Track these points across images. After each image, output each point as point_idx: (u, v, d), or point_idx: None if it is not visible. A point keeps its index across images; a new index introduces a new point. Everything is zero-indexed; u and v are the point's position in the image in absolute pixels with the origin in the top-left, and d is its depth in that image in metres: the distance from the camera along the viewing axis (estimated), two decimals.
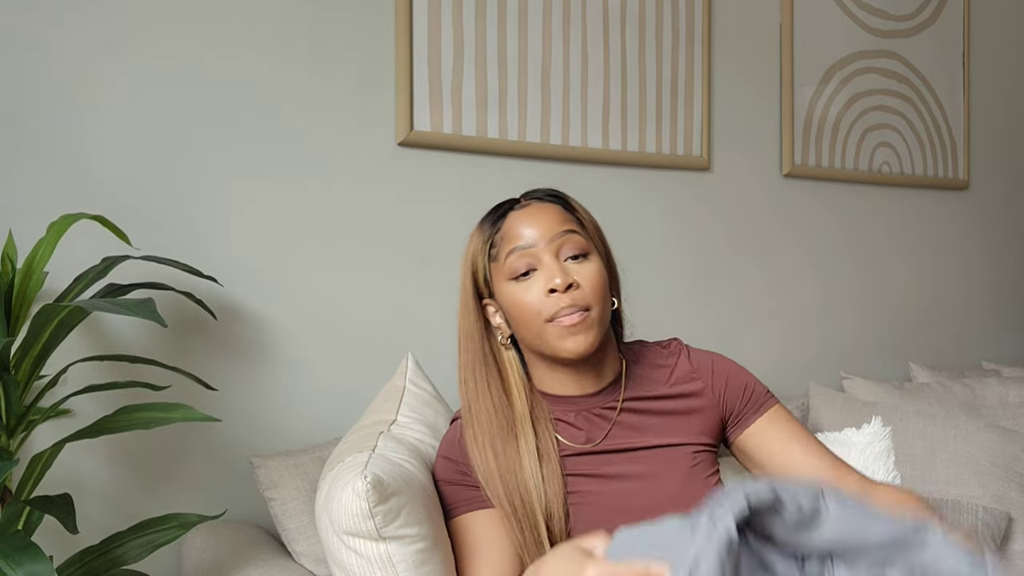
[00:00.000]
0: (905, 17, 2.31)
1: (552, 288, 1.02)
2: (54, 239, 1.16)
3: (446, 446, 1.12)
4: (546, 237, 1.04)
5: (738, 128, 2.05)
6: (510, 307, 1.06)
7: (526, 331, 1.06)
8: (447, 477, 1.09)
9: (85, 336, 1.38)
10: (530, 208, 1.07)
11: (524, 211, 1.07)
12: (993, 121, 2.51)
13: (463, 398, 1.09)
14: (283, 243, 1.54)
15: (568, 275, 1.02)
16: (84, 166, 1.39)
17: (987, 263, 2.51)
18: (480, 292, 1.10)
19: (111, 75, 1.41)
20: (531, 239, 1.04)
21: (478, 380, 1.08)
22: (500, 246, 1.06)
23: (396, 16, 1.62)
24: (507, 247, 1.05)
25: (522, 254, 1.04)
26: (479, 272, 1.09)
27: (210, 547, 1.27)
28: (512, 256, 1.04)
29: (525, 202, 1.10)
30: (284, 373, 1.53)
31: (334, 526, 0.96)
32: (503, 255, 1.05)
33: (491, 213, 1.11)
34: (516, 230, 1.05)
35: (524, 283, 1.04)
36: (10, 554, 0.90)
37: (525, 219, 1.06)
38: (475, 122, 1.69)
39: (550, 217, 1.06)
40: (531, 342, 1.07)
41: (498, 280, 1.07)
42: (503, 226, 1.07)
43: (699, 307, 2.00)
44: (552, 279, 1.02)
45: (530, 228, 1.05)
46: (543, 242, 1.04)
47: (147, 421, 1.06)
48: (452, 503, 1.07)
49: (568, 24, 1.80)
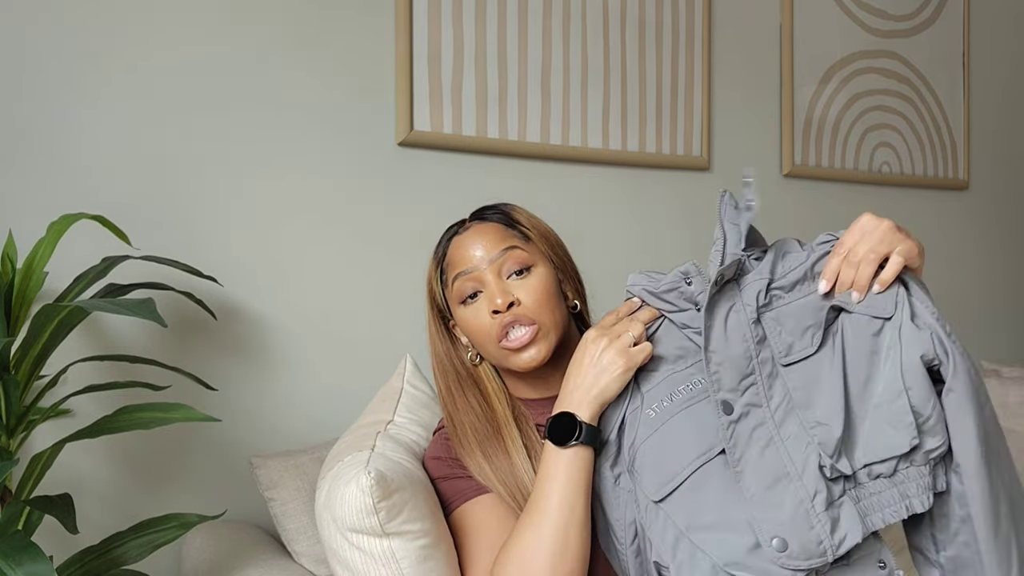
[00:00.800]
0: (905, 17, 2.31)
1: (495, 309, 1.04)
2: (54, 239, 1.16)
3: (435, 447, 1.12)
4: (487, 258, 1.06)
5: (738, 128, 2.05)
6: (465, 330, 1.09)
7: (484, 351, 1.09)
8: (441, 474, 1.09)
9: (85, 336, 1.38)
10: (471, 231, 1.10)
11: (466, 234, 1.10)
12: (993, 121, 2.51)
13: (445, 414, 1.11)
14: (283, 243, 1.54)
15: (508, 294, 1.04)
16: (84, 166, 1.39)
17: (987, 263, 2.51)
18: (443, 315, 1.13)
19: (111, 75, 1.41)
20: (473, 262, 1.07)
21: (455, 395, 1.11)
22: (448, 272, 1.09)
23: (396, 16, 1.62)
24: (452, 272, 1.08)
25: (466, 279, 1.06)
26: (436, 297, 1.12)
27: (210, 547, 1.27)
28: (458, 281, 1.07)
29: (468, 224, 1.12)
30: (284, 373, 1.53)
31: (337, 523, 0.96)
32: (451, 281, 1.08)
33: (441, 237, 1.14)
34: (459, 254, 1.08)
35: (472, 306, 1.06)
36: (10, 554, 0.90)
37: (466, 242, 1.08)
38: (475, 122, 1.69)
39: (490, 237, 1.08)
40: (492, 359, 1.10)
41: (453, 304, 1.09)
42: (449, 251, 1.10)
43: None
44: (493, 300, 1.04)
45: (471, 251, 1.07)
46: (484, 263, 1.06)
47: (147, 421, 1.06)
48: (450, 497, 1.08)
49: (568, 24, 1.80)
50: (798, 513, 0.82)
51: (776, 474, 0.84)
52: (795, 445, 0.85)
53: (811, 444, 0.84)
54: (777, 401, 0.88)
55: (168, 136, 1.45)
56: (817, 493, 0.83)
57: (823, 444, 0.84)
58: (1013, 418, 1.92)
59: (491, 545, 1.00)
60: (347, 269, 1.59)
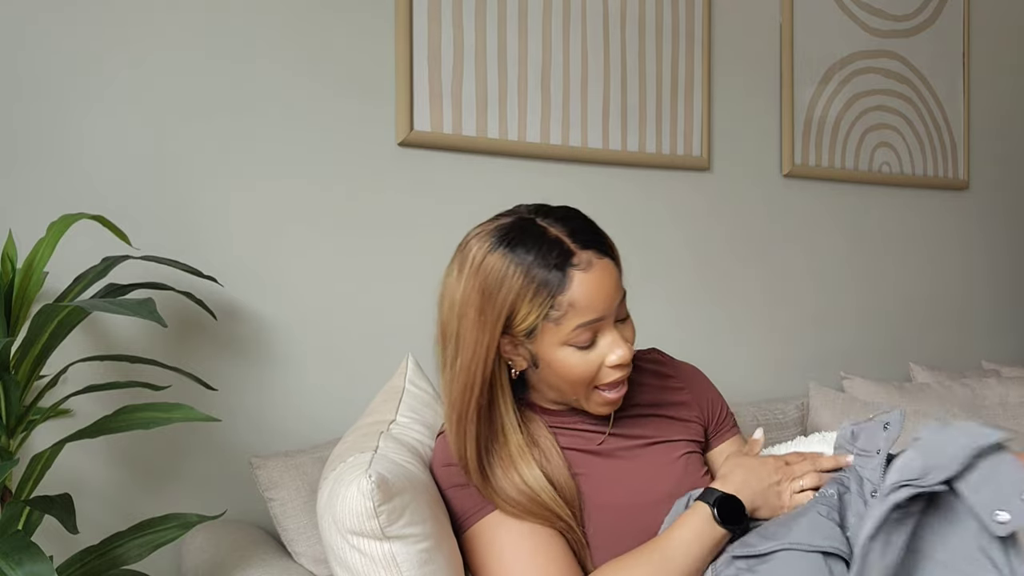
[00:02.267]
0: (905, 17, 2.31)
1: (621, 364, 1.01)
2: (54, 239, 1.16)
3: (443, 455, 1.08)
4: (612, 308, 1.00)
5: (738, 128, 2.05)
6: (558, 367, 1.01)
7: (566, 387, 1.03)
8: (457, 481, 1.05)
9: (85, 336, 1.38)
10: (599, 272, 0.98)
11: (591, 276, 0.97)
12: (993, 121, 2.51)
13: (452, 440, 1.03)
14: (283, 243, 1.54)
15: (630, 349, 1.01)
16: (84, 166, 1.39)
17: (987, 263, 2.52)
18: (508, 328, 1.00)
19: (111, 75, 1.41)
20: (601, 313, 0.98)
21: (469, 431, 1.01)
22: (565, 312, 0.97)
23: (396, 17, 1.62)
24: (576, 319, 0.97)
25: (589, 328, 0.98)
26: (521, 320, 0.98)
27: (210, 547, 1.27)
28: (580, 330, 0.98)
29: (582, 254, 0.98)
30: (284, 373, 1.53)
31: (338, 525, 0.96)
32: (568, 326, 0.97)
33: (538, 253, 0.97)
34: (586, 301, 0.97)
35: (580, 351, 1.00)
36: (10, 554, 0.90)
37: (594, 288, 0.97)
38: (475, 122, 1.69)
39: (614, 283, 1.00)
40: (560, 393, 1.05)
41: (549, 338, 0.99)
42: (569, 289, 0.96)
43: (699, 307, 2.00)
44: (616, 355, 1.00)
45: (599, 300, 0.98)
46: (609, 314, 1.00)
47: (147, 421, 1.06)
48: (469, 507, 1.04)
49: (568, 24, 1.80)
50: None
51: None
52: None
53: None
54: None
55: (168, 136, 1.45)
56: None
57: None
58: (1013, 418, 1.92)
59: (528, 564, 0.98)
60: (347, 269, 1.59)
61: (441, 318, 1.03)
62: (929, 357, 2.36)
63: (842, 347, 2.22)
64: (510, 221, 1.02)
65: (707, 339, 2.00)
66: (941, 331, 2.41)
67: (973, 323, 2.48)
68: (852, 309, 2.25)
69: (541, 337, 0.99)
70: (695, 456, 1.14)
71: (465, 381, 1.00)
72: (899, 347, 2.32)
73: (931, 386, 2.02)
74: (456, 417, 1.02)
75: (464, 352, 1.00)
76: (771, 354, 2.11)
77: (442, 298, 1.04)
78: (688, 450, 1.13)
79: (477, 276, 0.98)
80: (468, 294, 0.99)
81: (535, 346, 1.00)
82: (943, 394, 1.98)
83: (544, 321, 0.97)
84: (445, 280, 1.04)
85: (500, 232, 1.00)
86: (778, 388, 2.09)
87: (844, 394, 1.95)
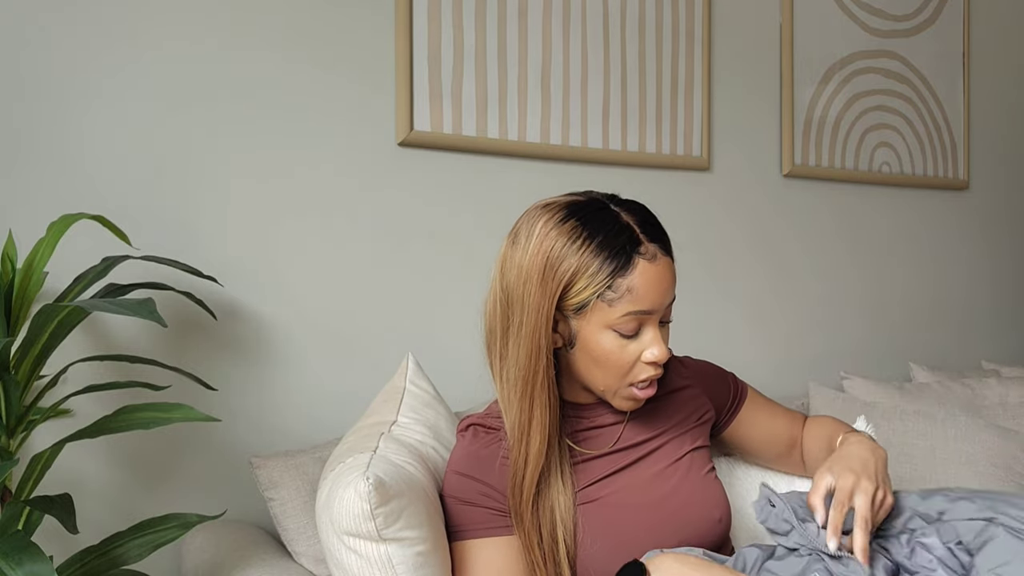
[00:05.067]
0: (905, 17, 2.31)
1: (655, 361, 1.01)
2: (54, 239, 1.16)
3: (463, 463, 1.07)
4: (664, 306, 1.01)
5: (738, 128, 2.05)
6: (595, 351, 1.00)
7: (599, 374, 1.02)
8: (463, 496, 1.04)
9: (85, 336, 1.38)
10: (660, 267, 0.99)
11: (654, 269, 0.99)
12: (993, 121, 2.51)
13: (517, 413, 1.01)
14: (283, 243, 1.54)
15: (668, 351, 1.02)
16: (84, 166, 1.39)
17: (987, 263, 2.52)
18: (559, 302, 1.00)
19: (111, 75, 1.41)
20: (654, 306, 0.99)
21: (537, 398, 1.00)
22: (621, 296, 0.97)
23: (396, 16, 1.62)
24: (628, 306, 0.97)
25: (638, 317, 0.99)
26: (576, 294, 0.98)
27: (210, 547, 1.27)
28: (628, 317, 0.98)
29: (650, 247, 1.00)
30: (284, 373, 1.53)
31: (335, 526, 0.96)
32: (620, 310, 0.97)
33: (607, 234, 0.98)
34: (644, 291, 0.98)
35: (624, 340, 1.00)
36: (10, 554, 0.90)
37: (654, 281, 0.98)
38: (475, 122, 1.69)
39: (671, 282, 1.02)
40: (590, 380, 1.04)
41: (596, 318, 0.99)
42: (631, 276, 0.97)
43: (699, 307, 2.00)
44: (654, 352, 1.00)
45: (656, 294, 0.99)
46: (660, 311, 1.01)
47: (147, 421, 1.06)
48: (466, 524, 1.04)
49: (568, 24, 1.80)
50: None
51: None
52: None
53: None
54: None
55: (168, 137, 1.45)
56: None
57: None
58: (1013, 418, 1.92)
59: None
60: (347, 269, 1.59)
61: (505, 284, 1.02)
62: (929, 357, 2.36)
63: (842, 347, 2.22)
64: (584, 200, 1.03)
65: (707, 339, 2.00)
66: (941, 331, 2.41)
67: (973, 323, 2.48)
68: (852, 309, 2.25)
69: (590, 315, 0.98)
70: (701, 452, 1.15)
71: (530, 347, 0.99)
72: (899, 347, 2.32)
73: (931, 386, 2.02)
74: (522, 384, 1.00)
75: (528, 318, 0.99)
76: (771, 354, 2.11)
77: (504, 264, 1.03)
78: (693, 447, 1.14)
79: (544, 243, 0.99)
80: (533, 259, 0.99)
81: (580, 323, 0.99)
82: (943, 394, 1.98)
83: (598, 299, 0.97)
84: (508, 250, 1.03)
85: (573, 207, 1.01)
86: (778, 388, 2.09)
87: (844, 394, 1.95)
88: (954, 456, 1.68)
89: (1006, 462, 1.67)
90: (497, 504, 1.03)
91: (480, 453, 1.06)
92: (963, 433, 1.70)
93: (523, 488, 1.01)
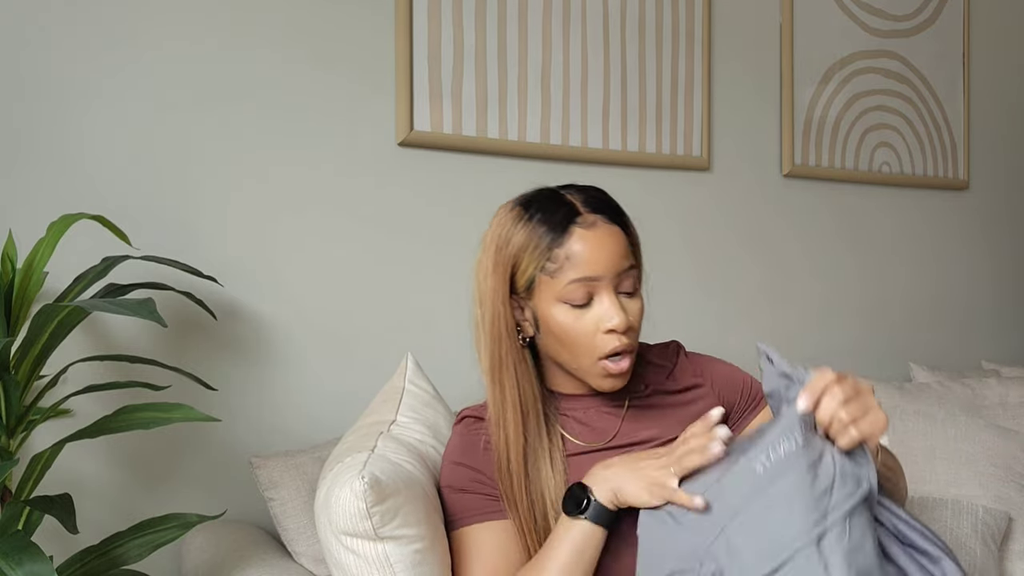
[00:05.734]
0: (905, 17, 2.31)
1: (612, 329, 0.99)
2: (54, 239, 1.16)
3: (458, 451, 1.08)
4: (612, 272, 1.00)
5: (738, 128, 2.05)
6: (555, 327, 1.01)
7: (566, 354, 1.03)
8: (459, 484, 1.06)
9: (85, 336, 1.38)
10: (600, 232, 1.00)
11: (592, 234, 1.00)
12: (993, 121, 2.51)
13: (491, 399, 1.05)
14: (283, 243, 1.54)
15: (627, 317, 1.00)
16: (84, 166, 1.39)
17: (987, 263, 2.51)
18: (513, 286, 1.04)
19: (111, 75, 1.41)
20: (597, 271, 0.99)
21: (512, 384, 1.03)
22: (561, 265, 0.99)
23: (396, 16, 1.62)
24: (570, 274, 0.99)
25: (583, 284, 0.99)
26: (521, 273, 1.02)
27: (210, 547, 1.27)
28: (574, 284, 0.99)
29: (589, 216, 1.01)
30: (284, 373, 1.53)
31: (332, 526, 0.96)
32: (563, 279, 0.99)
33: (542, 213, 1.02)
34: (583, 257, 0.99)
35: (576, 311, 1.00)
36: (10, 554, 0.90)
37: (593, 246, 0.99)
38: (475, 122, 1.69)
39: (617, 248, 1.01)
40: (566, 362, 1.04)
41: (546, 293, 1.01)
42: (567, 243, 0.99)
43: (699, 307, 2.00)
44: (611, 319, 0.99)
45: (597, 258, 0.99)
46: (608, 276, 1.00)
47: (147, 421, 1.06)
48: (461, 512, 1.05)
49: (568, 24, 1.80)
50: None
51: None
52: None
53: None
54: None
55: (168, 137, 1.45)
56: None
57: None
58: (1013, 418, 1.92)
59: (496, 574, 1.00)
60: (347, 269, 1.60)
61: (477, 284, 1.08)
62: (929, 357, 2.36)
63: (842, 347, 2.22)
64: (536, 190, 1.07)
65: (707, 339, 1.99)
66: (941, 331, 2.41)
67: (973, 323, 2.48)
68: (852, 309, 2.25)
69: (539, 292, 1.01)
70: None
71: (494, 333, 1.04)
72: (899, 347, 2.32)
73: (931, 386, 2.02)
74: (491, 371, 1.04)
75: (487, 309, 1.04)
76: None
77: (475, 267, 1.09)
78: None
79: (495, 233, 1.05)
80: (488, 251, 1.05)
81: (536, 303, 1.02)
82: (943, 394, 1.98)
83: (540, 273, 1.00)
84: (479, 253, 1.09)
85: (524, 197, 1.06)
86: None
87: None
88: (954, 456, 1.67)
89: (1006, 462, 1.67)
90: (489, 489, 1.04)
91: (467, 440, 1.08)
92: (963, 433, 1.70)
93: (511, 473, 1.02)
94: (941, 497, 1.60)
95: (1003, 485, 1.64)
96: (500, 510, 1.03)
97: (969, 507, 1.55)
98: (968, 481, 1.64)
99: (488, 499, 1.04)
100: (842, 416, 0.88)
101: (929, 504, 1.57)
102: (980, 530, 1.53)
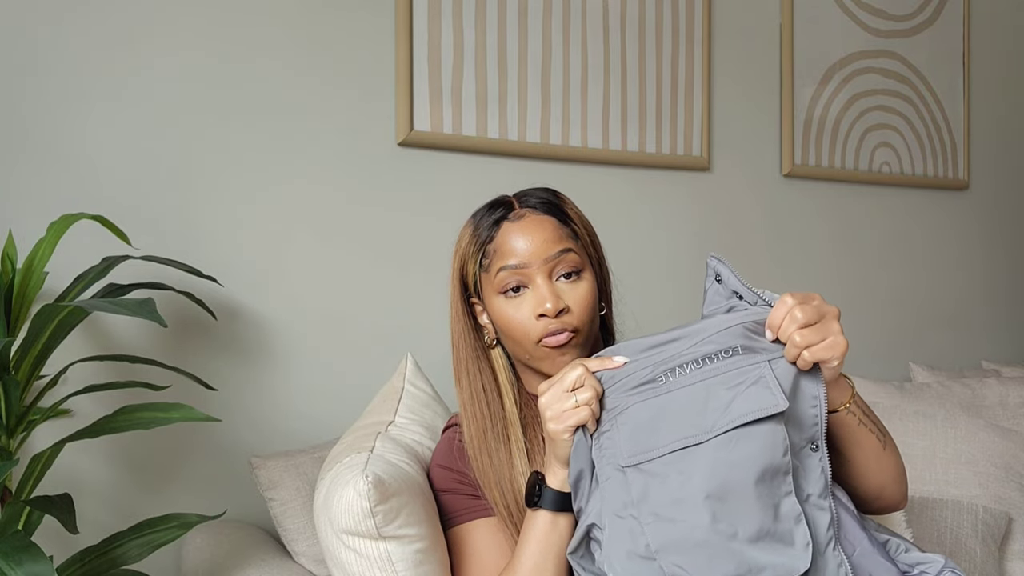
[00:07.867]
0: (905, 17, 2.31)
1: (542, 313, 1.00)
2: (54, 239, 1.16)
3: (441, 455, 1.10)
4: (540, 257, 1.01)
5: (738, 128, 2.05)
6: (498, 319, 1.04)
7: (514, 345, 1.05)
8: (445, 487, 1.07)
9: (85, 336, 1.38)
10: (526, 222, 1.03)
11: (519, 225, 1.03)
12: (993, 121, 2.51)
13: (459, 399, 1.09)
14: (283, 243, 1.54)
15: (559, 299, 1.01)
16: (84, 166, 1.39)
17: (987, 263, 2.51)
18: (468, 291, 1.08)
19: (111, 75, 1.41)
20: (524, 258, 1.01)
21: (472, 380, 1.07)
22: (492, 258, 1.03)
23: (396, 17, 1.62)
24: (499, 263, 1.02)
25: (513, 272, 1.01)
26: (468, 276, 1.07)
27: (210, 547, 1.27)
28: (503, 273, 1.02)
29: (520, 211, 1.05)
30: (284, 373, 1.53)
31: (334, 525, 0.96)
32: (494, 269, 1.03)
33: (484, 215, 1.07)
34: (509, 246, 1.02)
35: (514, 300, 1.02)
36: (10, 554, 0.90)
37: (519, 235, 1.02)
38: (475, 122, 1.69)
39: (545, 234, 1.02)
40: (518, 355, 1.06)
41: (487, 289, 1.04)
42: (496, 237, 1.04)
43: (699, 307, 1.99)
44: (542, 303, 1.00)
45: (524, 246, 1.01)
46: (536, 263, 1.01)
47: (147, 421, 1.06)
48: (452, 512, 1.06)
49: (568, 24, 1.80)
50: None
51: None
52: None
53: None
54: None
55: (168, 136, 1.45)
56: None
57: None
58: (1013, 418, 1.92)
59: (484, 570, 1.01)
60: (347, 269, 1.60)
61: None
62: (929, 357, 2.36)
63: None
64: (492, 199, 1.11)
65: None
66: (941, 331, 2.41)
67: (973, 323, 2.48)
68: (852, 309, 2.25)
69: (484, 290, 1.05)
70: None
71: (452, 335, 1.09)
72: (899, 347, 2.32)
73: (931, 386, 2.02)
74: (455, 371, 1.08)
75: (450, 313, 1.10)
76: None
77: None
78: None
79: (455, 244, 1.10)
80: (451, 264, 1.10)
81: (486, 304, 1.06)
82: (943, 394, 1.98)
83: (480, 271, 1.05)
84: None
85: (480, 207, 1.10)
86: None
87: None
88: (954, 456, 1.68)
89: (1006, 462, 1.67)
90: (472, 489, 1.05)
91: (448, 443, 1.10)
92: (963, 433, 1.70)
93: (486, 470, 1.03)
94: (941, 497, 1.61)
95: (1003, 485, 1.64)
96: (486, 508, 1.04)
97: (969, 507, 1.56)
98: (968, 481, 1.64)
99: (472, 498, 1.05)
100: (796, 339, 0.89)
101: (929, 504, 1.57)
102: (980, 530, 1.53)
